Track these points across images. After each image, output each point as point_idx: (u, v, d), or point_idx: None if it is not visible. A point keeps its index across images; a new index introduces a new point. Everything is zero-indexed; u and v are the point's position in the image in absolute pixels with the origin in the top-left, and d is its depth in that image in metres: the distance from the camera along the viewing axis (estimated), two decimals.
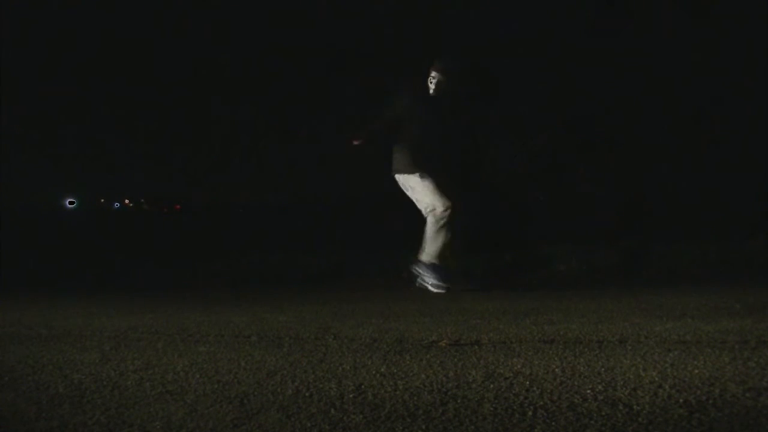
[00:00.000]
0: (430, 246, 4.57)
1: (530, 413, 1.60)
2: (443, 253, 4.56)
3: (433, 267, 4.56)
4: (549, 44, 7.47)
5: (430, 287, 4.54)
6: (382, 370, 2.11)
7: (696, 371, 1.92)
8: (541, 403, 1.67)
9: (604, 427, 1.48)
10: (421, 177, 4.60)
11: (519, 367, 2.07)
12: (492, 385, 1.85)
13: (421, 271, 4.61)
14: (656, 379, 1.85)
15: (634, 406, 1.61)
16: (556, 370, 2.01)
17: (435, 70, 4.65)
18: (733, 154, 7.30)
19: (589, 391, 1.75)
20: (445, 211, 4.52)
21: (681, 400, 1.64)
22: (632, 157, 7.65)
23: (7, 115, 9.43)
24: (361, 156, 4.86)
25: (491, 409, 1.64)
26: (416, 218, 4.73)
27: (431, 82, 4.66)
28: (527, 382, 1.87)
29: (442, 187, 4.56)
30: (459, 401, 1.72)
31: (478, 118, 4.80)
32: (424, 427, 1.54)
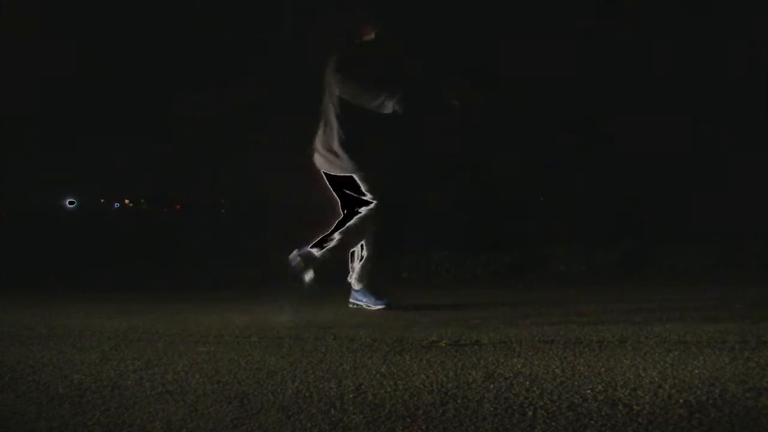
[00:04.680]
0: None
1: (530, 413, 1.60)
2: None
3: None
4: (548, 43, 7.47)
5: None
6: (382, 370, 2.11)
7: (696, 371, 1.92)
8: (541, 403, 1.67)
9: (604, 427, 1.48)
10: None
11: (519, 367, 2.07)
12: (492, 385, 1.85)
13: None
14: (656, 379, 1.85)
15: (634, 406, 1.61)
16: (556, 370, 2.01)
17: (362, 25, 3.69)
18: (733, 154, 7.30)
19: (589, 391, 1.75)
20: None
21: (681, 400, 1.64)
22: (632, 157, 7.65)
23: (7, 115, 9.43)
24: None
25: (491, 409, 1.64)
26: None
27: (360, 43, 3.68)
28: (527, 382, 1.87)
29: None
30: (459, 401, 1.72)
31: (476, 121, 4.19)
32: (424, 427, 1.54)
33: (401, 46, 3.78)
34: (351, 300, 3.84)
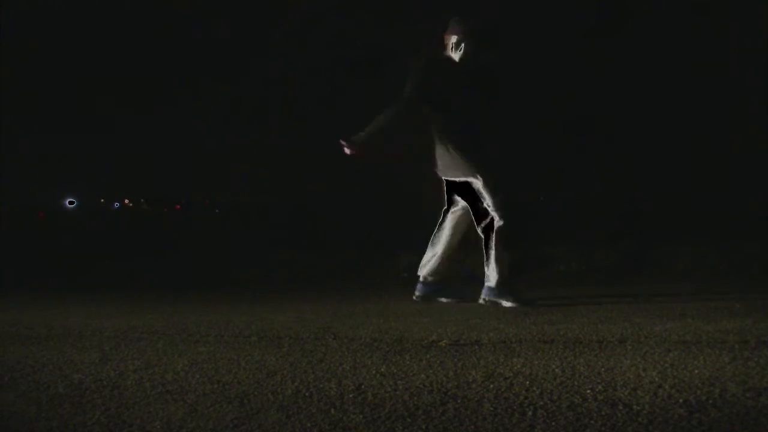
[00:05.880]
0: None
1: (530, 413, 1.60)
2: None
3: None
4: (548, 42, 7.47)
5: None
6: (382, 370, 2.11)
7: (696, 371, 1.92)
8: (541, 403, 1.67)
9: (604, 427, 1.48)
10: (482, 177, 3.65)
11: (519, 367, 2.07)
12: (492, 385, 1.86)
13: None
14: (656, 379, 1.85)
15: (634, 406, 1.61)
16: (556, 370, 2.01)
17: (456, 34, 3.66)
18: (733, 154, 7.30)
19: (589, 391, 1.75)
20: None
21: (681, 400, 1.64)
22: (632, 157, 7.65)
23: (7, 115, 9.45)
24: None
25: (491, 409, 1.65)
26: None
27: (455, 49, 3.67)
28: (527, 382, 1.87)
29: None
30: (459, 401, 1.72)
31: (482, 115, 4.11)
32: (424, 427, 1.54)
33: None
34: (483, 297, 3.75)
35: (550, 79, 7.53)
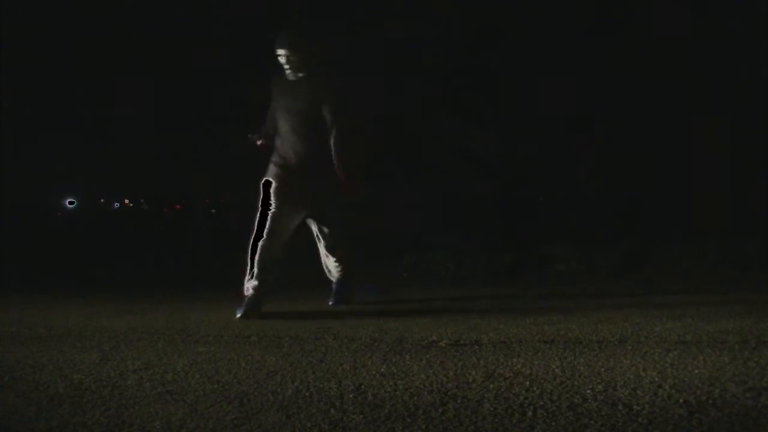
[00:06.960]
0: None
1: (530, 413, 1.60)
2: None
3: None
4: (548, 42, 7.47)
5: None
6: (382, 370, 2.11)
7: (696, 371, 1.92)
8: (541, 403, 1.67)
9: (604, 427, 1.48)
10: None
11: (519, 367, 2.07)
12: (492, 385, 1.86)
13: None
14: (656, 379, 1.85)
15: (634, 406, 1.61)
16: (556, 370, 2.01)
17: (280, 48, 3.67)
18: (733, 154, 7.30)
19: (589, 391, 1.75)
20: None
21: (681, 400, 1.64)
22: (632, 157, 7.65)
23: (6, 114, 9.46)
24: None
25: (491, 409, 1.65)
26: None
27: (284, 65, 3.71)
28: (527, 382, 1.87)
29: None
30: (459, 401, 1.72)
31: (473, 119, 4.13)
32: (424, 427, 1.54)
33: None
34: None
35: (550, 78, 7.53)
